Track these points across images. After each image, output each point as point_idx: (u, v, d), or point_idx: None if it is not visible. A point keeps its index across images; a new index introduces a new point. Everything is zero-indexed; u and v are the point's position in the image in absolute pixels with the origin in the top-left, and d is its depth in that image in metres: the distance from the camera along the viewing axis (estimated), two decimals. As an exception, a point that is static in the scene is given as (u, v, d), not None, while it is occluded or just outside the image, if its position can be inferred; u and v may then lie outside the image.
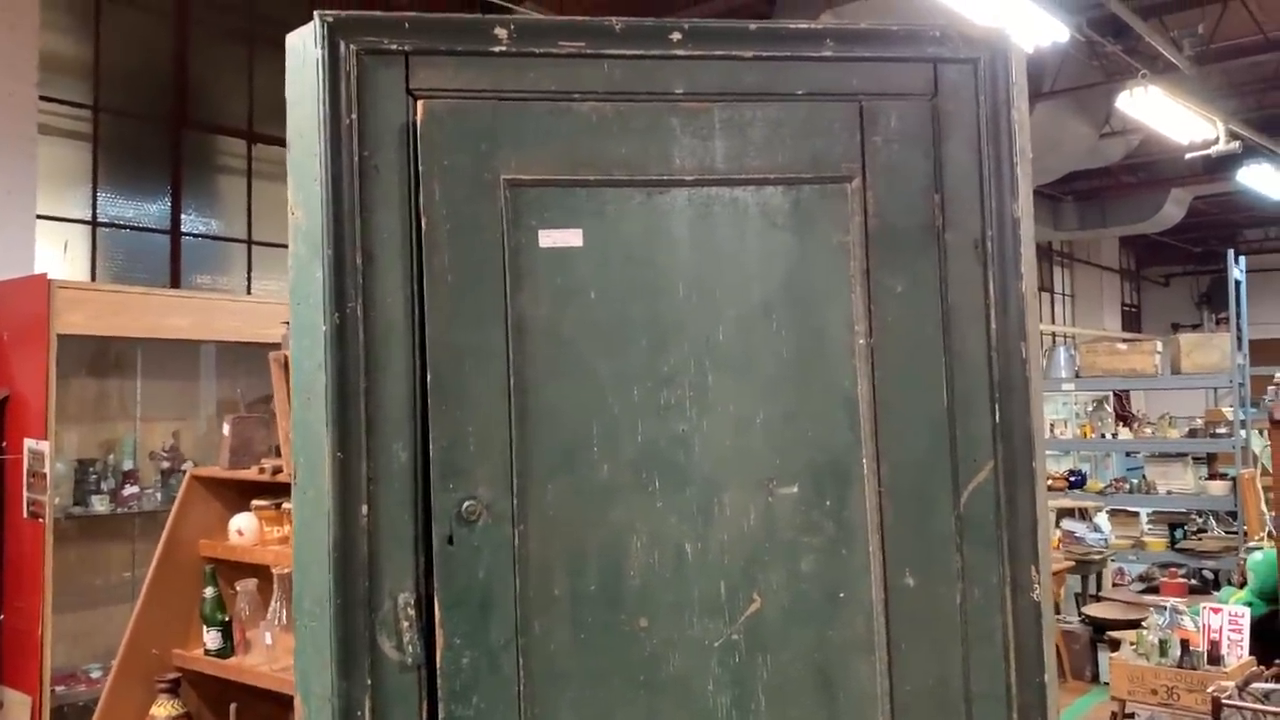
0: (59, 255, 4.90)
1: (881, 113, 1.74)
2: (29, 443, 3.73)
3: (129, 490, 4.15)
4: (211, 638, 2.71)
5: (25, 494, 3.73)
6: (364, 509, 1.60)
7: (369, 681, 1.59)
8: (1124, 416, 9.89)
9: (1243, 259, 7.90)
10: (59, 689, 3.80)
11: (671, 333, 1.69)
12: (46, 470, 3.65)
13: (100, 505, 4.03)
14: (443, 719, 1.58)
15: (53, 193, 4.91)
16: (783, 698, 1.67)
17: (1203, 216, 13.79)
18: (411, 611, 1.60)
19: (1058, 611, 7.15)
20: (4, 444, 3.83)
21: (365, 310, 1.62)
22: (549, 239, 1.65)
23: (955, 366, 1.74)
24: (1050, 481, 8.88)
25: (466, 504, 1.60)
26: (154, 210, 5.29)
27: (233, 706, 2.66)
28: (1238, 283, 7.72)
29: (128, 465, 4.27)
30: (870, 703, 1.70)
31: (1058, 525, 8.00)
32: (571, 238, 1.66)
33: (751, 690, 1.67)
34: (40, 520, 3.68)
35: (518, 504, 1.62)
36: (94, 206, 5.00)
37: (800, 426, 1.71)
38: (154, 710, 2.68)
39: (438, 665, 1.59)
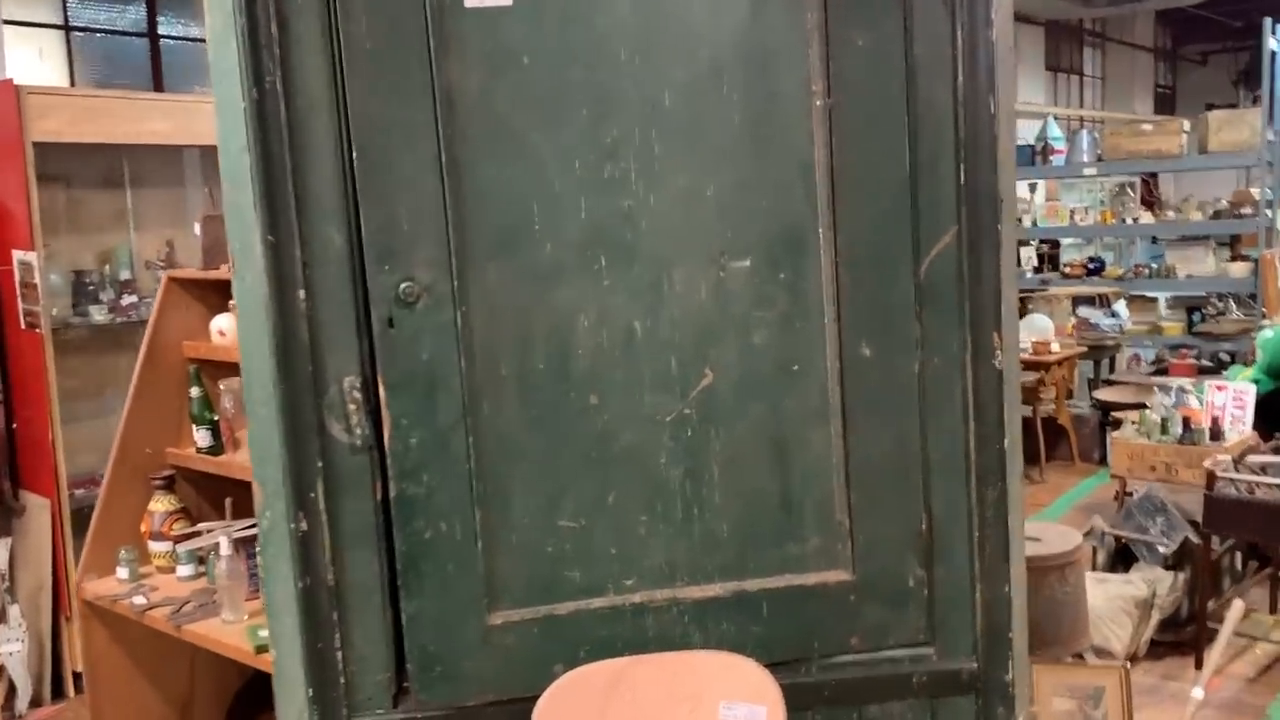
0: (34, 63, 4.74)
1: None
2: (17, 254, 3.71)
3: (127, 300, 4.15)
4: (201, 436, 2.75)
5: (20, 305, 3.75)
6: (301, 294, 1.57)
7: (320, 464, 1.59)
8: (1151, 202, 9.64)
9: (1281, 27, 7.45)
10: (78, 492, 3.92)
11: (614, 100, 1.59)
12: (36, 280, 3.65)
13: (99, 315, 4.04)
14: (394, 497, 1.60)
15: (19, -5, 4.72)
16: (736, 468, 1.67)
17: (1247, -15, 12.99)
18: (358, 395, 1.59)
19: (1070, 397, 7.19)
20: (-7, 256, 3.81)
21: (285, 84, 1.54)
22: (475, -2, 1.53)
23: (919, 126, 1.64)
24: (1068, 269, 8.78)
25: (404, 285, 1.56)
26: (130, 13, 5.06)
27: (228, 501, 2.73)
28: (1274, 53, 7.32)
29: (125, 275, 4.26)
30: (825, 470, 1.69)
31: (1074, 313, 7.95)
32: (500, -4, 1.54)
33: (705, 462, 1.66)
34: (38, 330, 3.71)
35: (458, 285, 1.58)
36: (64, 9, 4.79)
37: (753, 196, 1.63)
38: (152, 505, 2.76)
39: (386, 446, 1.59)
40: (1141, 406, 5.19)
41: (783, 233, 1.65)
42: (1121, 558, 4.26)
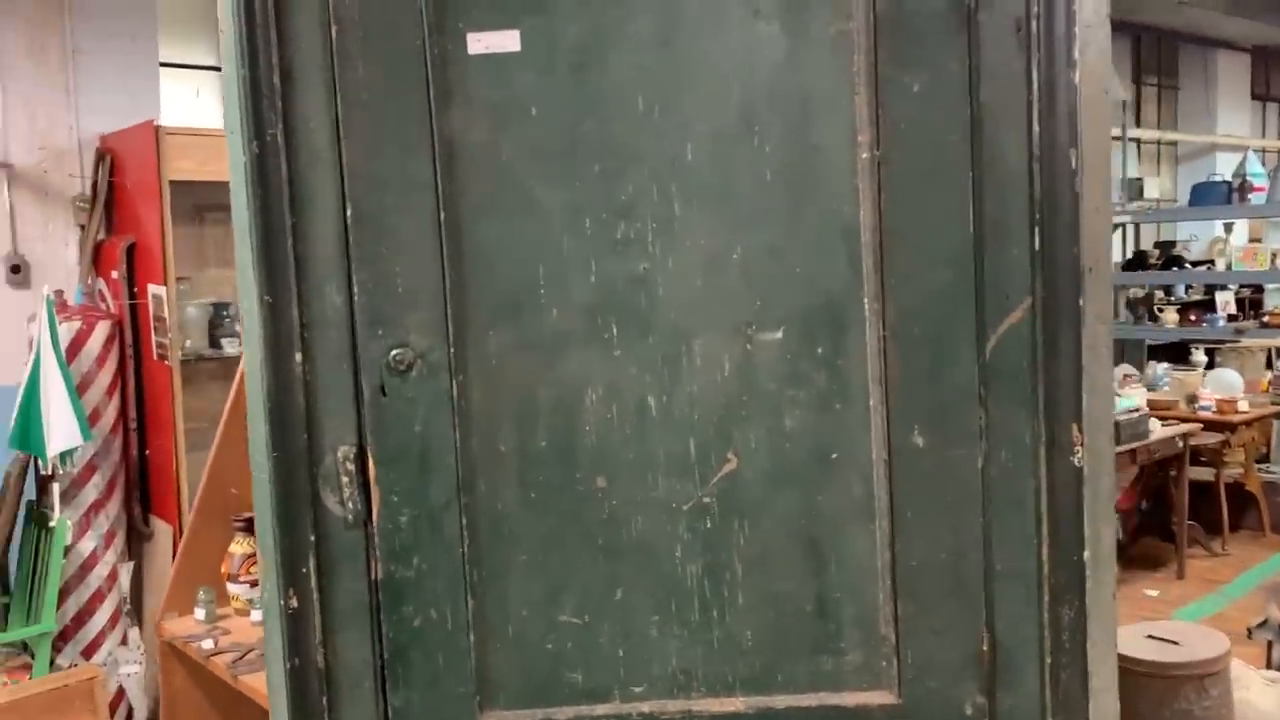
0: (190, 103, 4.97)
1: None
2: (151, 288, 3.86)
3: (259, 333, 4.26)
4: (283, 479, 2.73)
5: (153, 337, 3.89)
6: (298, 357, 1.48)
7: (312, 537, 1.49)
8: (1370, 244, 8.69)
9: None
10: (200, 519, 4.03)
11: (629, 154, 1.44)
12: (166, 314, 3.77)
13: (231, 348, 4.15)
14: (382, 579, 1.48)
15: (179, 39, 4.96)
16: (763, 567, 1.47)
17: None
18: (351, 466, 1.49)
19: (1265, 460, 6.50)
20: (135, 290, 3.98)
21: (287, 137, 1.46)
22: (479, 44, 1.42)
23: (986, 182, 1.42)
24: (1269, 318, 7.99)
25: (395, 352, 1.45)
26: (283, 54, 5.24)
27: (305, 545, 2.70)
28: None
29: (261, 309, 4.38)
30: (868, 576, 1.47)
31: (1271, 366, 7.21)
32: (506, 41, 1.42)
33: (726, 558, 1.47)
34: (167, 362, 3.84)
35: (455, 353, 1.45)
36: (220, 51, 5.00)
37: (787, 261, 1.45)
38: (232, 548, 2.76)
39: (375, 523, 1.48)
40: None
41: (821, 302, 1.45)
42: (1303, 655, 3.74)
